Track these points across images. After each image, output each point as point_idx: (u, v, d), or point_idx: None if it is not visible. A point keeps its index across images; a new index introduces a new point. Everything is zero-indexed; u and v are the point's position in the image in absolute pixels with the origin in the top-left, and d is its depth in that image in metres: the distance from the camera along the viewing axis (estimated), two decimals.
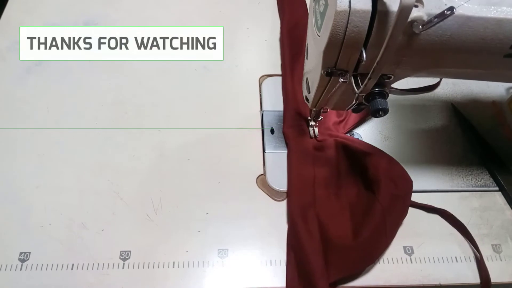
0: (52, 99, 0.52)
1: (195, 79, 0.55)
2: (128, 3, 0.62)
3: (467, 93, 0.56)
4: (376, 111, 0.35)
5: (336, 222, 0.43)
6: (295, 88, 0.52)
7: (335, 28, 0.30)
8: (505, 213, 0.46)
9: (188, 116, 0.52)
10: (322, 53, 0.32)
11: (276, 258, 0.42)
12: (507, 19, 0.31)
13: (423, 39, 0.31)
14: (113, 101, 0.52)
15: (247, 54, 0.59)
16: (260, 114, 0.53)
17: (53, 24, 0.59)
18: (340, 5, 0.29)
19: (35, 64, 0.55)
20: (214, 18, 0.61)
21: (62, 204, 0.44)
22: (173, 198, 0.45)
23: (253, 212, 0.45)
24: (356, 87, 0.34)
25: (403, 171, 0.44)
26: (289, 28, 0.58)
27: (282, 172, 0.47)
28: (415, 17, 0.29)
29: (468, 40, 0.31)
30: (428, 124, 0.53)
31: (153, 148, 0.49)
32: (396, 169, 0.44)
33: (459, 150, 0.51)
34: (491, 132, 0.51)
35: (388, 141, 0.51)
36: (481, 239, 0.44)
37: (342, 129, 0.51)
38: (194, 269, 0.41)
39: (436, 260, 0.42)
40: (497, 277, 0.42)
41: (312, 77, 0.39)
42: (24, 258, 0.41)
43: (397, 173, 0.44)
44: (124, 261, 0.41)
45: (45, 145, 0.48)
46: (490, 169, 0.49)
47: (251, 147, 0.50)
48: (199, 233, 0.43)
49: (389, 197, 0.42)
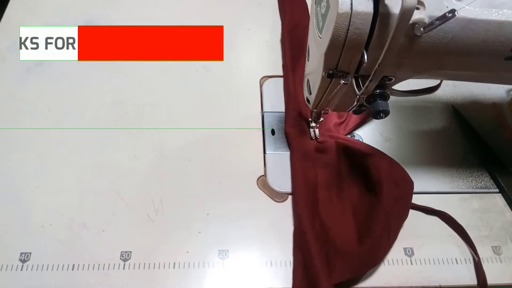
0: (52, 99, 0.52)
1: (195, 79, 0.55)
2: (128, 3, 0.62)
3: (467, 95, 0.57)
4: (377, 113, 0.35)
5: (339, 224, 0.43)
6: (297, 89, 0.52)
7: (337, 30, 0.30)
8: (505, 215, 0.46)
9: (189, 117, 0.52)
10: (324, 54, 0.32)
11: (277, 259, 0.42)
12: (509, 21, 0.31)
13: (424, 41, 0.31)
14: (113, 101, 0.52)
15: (248, 54, 0.59)
16: (261, 115, 0.53)
17: (53, 24, 0.59)
18: (342, 7, 0.29)
19: (35, 64, 0.55)
20: (215, 19, 0.61)
21: (62, 204, 0.44)
22: (174, 199, 0.45)
23: (254, 213, 0.45)
24: (357, 89, 0.34)
25: (404, 173, 0.44)
26: (290, 29, 0.58)
27: (283, 173, 0.47)
28: (417, 19, 0.29)
29: (469, 43, 0.31)
30: (428, 126, 0.53)
31: (153, 148, 0.49)
32: (397, 170, 0.44)
33: (460, 152, 0.51)
34: (491, 134, 0.51)
35: (389, 142, 0.51)
36: (481, 240, 0.44)
37: (343, 131, 0.51)
38: (195, 269, 0.41)
39: (436, 262, 0.42)
40: (497, 279, 0.42)
41: (313, 79, 0.39)
42: (25, 259, 0.41)
43: (398, 175, 0.44)
44: (125, 261, 0.41)
45: (45, 145, 0.48)
46: (491, 170, 0.49)
47: (252, 148, 0.50)
48: (200, 233, 0.43)
49: (392, 199, 0.42)
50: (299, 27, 0.57)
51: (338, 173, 0.47)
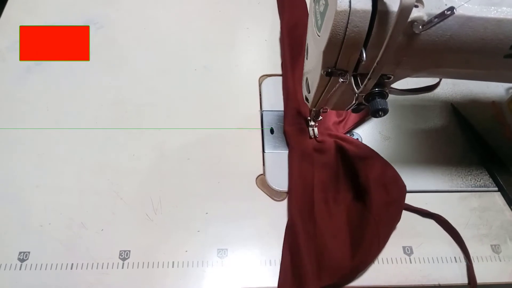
0: (52, 98, 0.52)
1: (195, 79, 0.55)
2: (128, 3, 0.62)
3: (466, 93, 0.57)
4: (375, 111, 0.35)
5: (332, 226, 0.43)
6: (296, 87, 0.52)
7: (335, 28, 0.30)
8: (505, 213, 0.46)
9: (188, 116, 0.52)
10: (322, 53, 0.32)
11: (276, 258, 0.42)
12: (507, 19, 0.31)
13: (423, 39, 0.31)
14: (113, 101, 0.52)
15: (247, 54, 0.59)
16: (260, 114, 0.53)
17: (53, 24, 0.59)
18: (340, 5, 0.29)
19: (35, 64, 0.55)
20: (214, 18, 0.62)
21: (61, 203, 0.44)
22: (173, 198, 0.45)
23: (253, 212, 0.45)
24: (356, 87, 0.34)
25: (397, 176, 0.44)
26: (289, 28, 0.58)
27: (282, 172, 0.47)
28: (415, 17, 0.29)
29: (468, 41, 0.32)
30: (427, 124, 0.53)
31: (153, 148, 0.49)
32: (389, 174, 0.44)
33: (459, 150, 0.51)
34: (490, 132, 0.51)
35: (388, 141, 0.51)
36: (480, 239, 0.44)
37: (342, 129, 0.51)
38: (194, 269, 0.41)
39: (435, 260, 0.42)
40: (496, 278, 0.42)
41: (312, 77, 0.39)
42: (24, 258, 0.41)
43: (389, 179, 0.44)
44: (124, 260, 0.41)
45: (45, 144, 0.48)
46: (490, 169, 0.49)
47: (251, 147, 0.50)
48: (199, 233, 0.43)
49: (381, 205, 0.42)
50: (298, 25, 0.57)
51: (335, 174, 0.47)
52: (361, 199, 0.44)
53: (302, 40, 0.43)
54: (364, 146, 0.47)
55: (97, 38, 0.58)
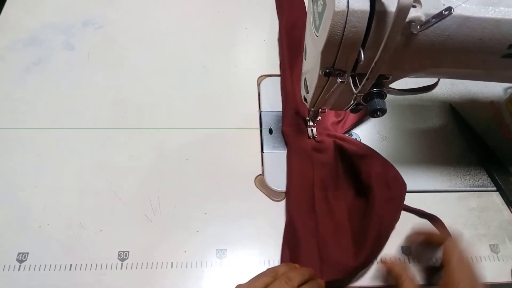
0: (51, 98, 0.52)
1: (194, 79, 0.55)
2: (128, 3, 0.62)
3: (465, 93, 0.57)
4: (374, 111, 0.35)
5: (333, 223, 0.43)
6: (294, 87, 0.52)
7: (333, 29, 0.30)
8: (503, 213, 0.46)
9: (187, 116, 0.52)
10: (320, 53, 0.32)
11: (275, 258, 0.42)
12: (505, 19, 0.31)
13: (421, 39, 0.31)
14: (113, 101, 0.52)
15: (246, 54, 0.59)
16: (259, 114, 0.53)
17: (53, 24, 0.59)
18: (338, 6, 0.29)
19: (34, 63, 0.55)
20: (213, 18, 0.62)
21: (60, 204, 0.44)
22: (172, 198, 0.45)
23: (252, 212, 0.45)
24: (354, 87, 0.34)
25: (397, 174, 0.44)
26: (288, 28, 0.58)
27: (280, 172, 0.47)
28: (413, 17, 0.29)
29: (466, 40, 0.32)
30: (426, 124, 0.53)
31: (153, 148, 0.49)
32: (390, 172, 0.44)
33: (457, 150, 0.51)
34: (489, 132, 0.51)
35: (386, 141, 0.51)
36: (479, 239, 0.44)
37: (341, 129, 0.51)
38: (193, 269, 0.41)
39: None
40: (495, 277, 0.42)
41: (310, 77, 0.39)
42: (22, 259, 0.41)
43: (391, 177, 0.44)
44: (122, 261, 0.41)
45: (44, 145, 0.48)
46: (488, 169, 0.49)
47: (250, 147, 0.50)
48: (198, 233, 0.43)
49: (383, 201, 0.42)
50: (296, 26, 0.57)
51: (335, 173, 0.47)
52: (363, 195, 0.44)
53: (301, 40, 0.43)
54: (364, 146, 0.47)
55: (97, 38, 0.58)
